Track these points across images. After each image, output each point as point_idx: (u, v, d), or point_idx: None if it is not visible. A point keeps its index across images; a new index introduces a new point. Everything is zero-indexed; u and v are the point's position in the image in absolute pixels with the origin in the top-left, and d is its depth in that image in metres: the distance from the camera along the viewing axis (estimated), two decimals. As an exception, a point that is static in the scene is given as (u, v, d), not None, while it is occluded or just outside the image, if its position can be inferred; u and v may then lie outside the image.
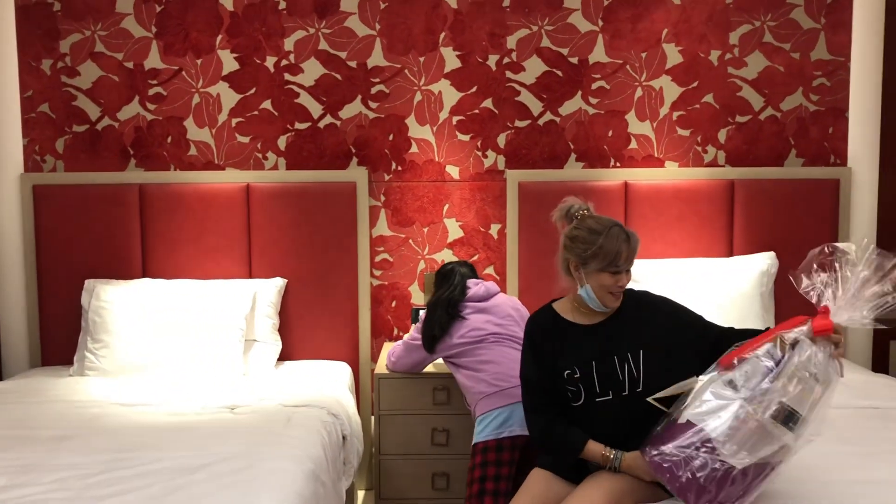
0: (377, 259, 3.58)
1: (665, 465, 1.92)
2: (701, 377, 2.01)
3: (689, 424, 1.93)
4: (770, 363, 1.92)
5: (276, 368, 3.32)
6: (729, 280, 3.23)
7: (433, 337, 2.88)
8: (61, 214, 3.43)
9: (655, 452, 1.96)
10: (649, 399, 2.06)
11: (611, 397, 2.15)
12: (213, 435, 2.51)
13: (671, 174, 3.48)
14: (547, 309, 2.30)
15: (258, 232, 3.45)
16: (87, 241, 3.43)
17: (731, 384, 1.93)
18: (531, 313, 2.36)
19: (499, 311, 2.90)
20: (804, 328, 1.95)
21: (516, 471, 2.59)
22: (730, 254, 3.44)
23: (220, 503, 2.00)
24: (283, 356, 3.44)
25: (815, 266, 1.96)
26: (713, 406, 1.93)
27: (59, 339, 3.44)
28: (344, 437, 2.87)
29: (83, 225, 3.43)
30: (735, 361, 1.96)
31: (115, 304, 3.23)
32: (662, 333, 2.17)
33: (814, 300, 1.97)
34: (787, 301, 3.42)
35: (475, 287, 2.96)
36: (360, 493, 3.54)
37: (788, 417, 1.86)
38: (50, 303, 3.46)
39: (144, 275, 3.44)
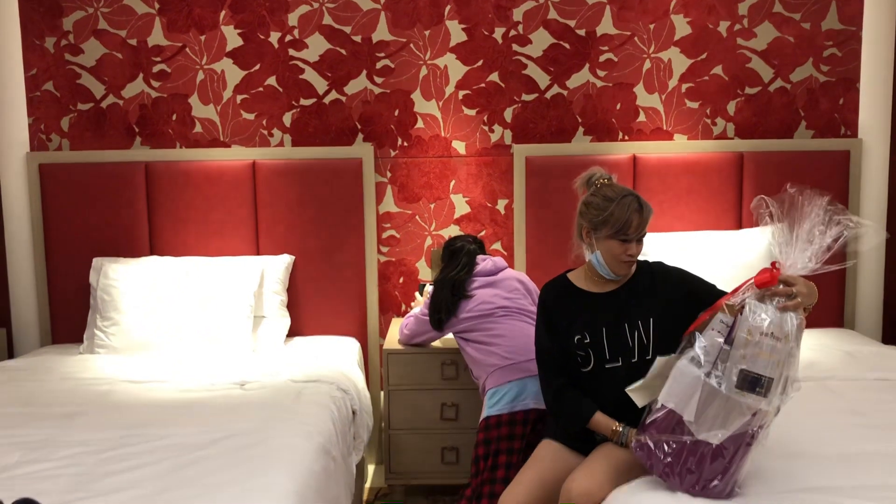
0: (384, 235, 3.57)
1: (647, 451, 1.94)
2: (668, 357, 2.01)
3: (663, 407, 1.94)
4: (724, 332, 1.90)
5: (285, 344, 3.33)
6: (738, 253, 3.21)
7: (440, 319, 2.90)
8: (68, 193, 3.43)
9: (638, 440, 1.97)
10: (627, 390, 2.08)
11: (620, 364, 2.18)
12: (223, 411, 2.52)
13: (680, 147, 3.45)
14: (561, 278, 2.34)
15: (265, 209, 3.44)
16: (94, 220, 3.43)
17: (695, 361, 1.91)
18: (544, 283, 2.36)
19: (506, 284, 2.90)
20: (748, 288, 1.93)
21: (527, 444, 2.60)
22: (739, 227, 3.42)
23: (230, 479, 2.01)
24: (292, 332, 3.45)
25: (766, 219, 1.96)
26: (680, 387, 1.92)
27: (68, 317, 3.45)
28: (354, 412, 2.88)
29: (90, 203, 3.43)
30: (697, 332, 1.96)
31: (124, 281, 3.24)
32: (674, 302, 2.18)
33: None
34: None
35: (483, 263, 2.95)
36: (371, 468, 3.56)
37: (754, 383, 1.84)
38: (58, 281, 3.47)
39: (152, 252, 3.44)
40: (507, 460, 2.61)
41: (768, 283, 1.91)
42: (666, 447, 1.91)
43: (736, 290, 1.97)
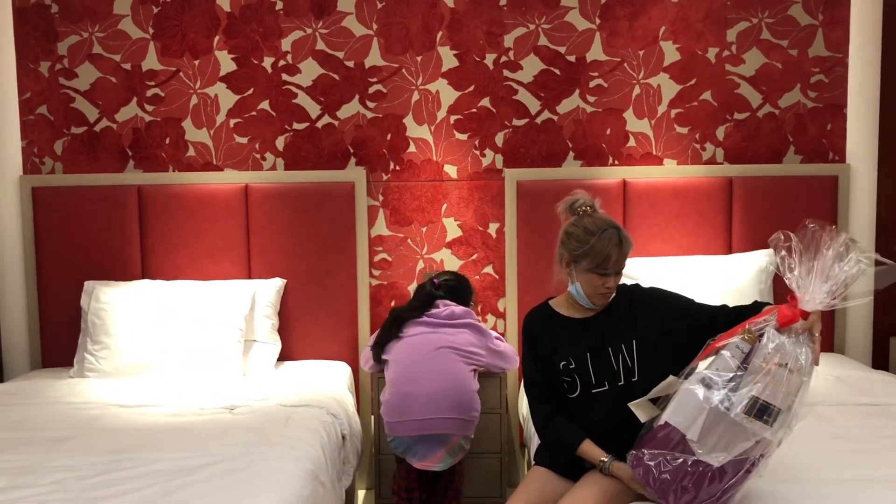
0: (376, 259, 3.58)
1: (644, 466, 1.93)
2: (680, 378, 1.99)
3: (667, 426, 1.92)
4: (739, 357, 1.90)
5: (275, 368, 3.32)
6: (728, 277, 3.22)
7: (377, 352, 2.99)
8: (60, 216, 3.44)
9: (635, 454, 1.97)
10: (630, 405, 2.07)
11: (607, 388, 2.19)
12: (212, 435, 2.51)
13: (669, 172, 3.48)
14: (543, 306, 2.35)
15: (257, 232, 3.45)
16: (87, 243, 3.44)
17: (705, 382, 1.90)
18: (527, 312, 2.37)
19: (460, 339, 2.92)
20: (771, 318, 1.93)
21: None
22: (728, 251, 3.44)
23: (218, 503, 2.00)
24: (283, 356, 3.44)
25: (783, 252, 1.94)
26: (687, 406, 1.91)
27: (59, 340, 3.44)
28: (343, 437, 2.87)
29: (82, 226, 3.44)
30: (713, 354, 1.96)
31: (115, 305, 3.24)
32: (656, 322, 2.18)
33: (792, 286, 1.95)
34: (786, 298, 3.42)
35: (442, 308, 2.99)
36: (361, 493, 3.54)
37: (762, 411, 1.83)
38: (50, 304, 3.46)
39: (144, 276, 3.45)
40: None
41: (791, 321, 1.90)
42: (664, 464, 1.90)
43: (753, 319, 1.95)
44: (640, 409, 2.07)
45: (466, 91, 3.51)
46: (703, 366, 1.98)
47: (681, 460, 1.88)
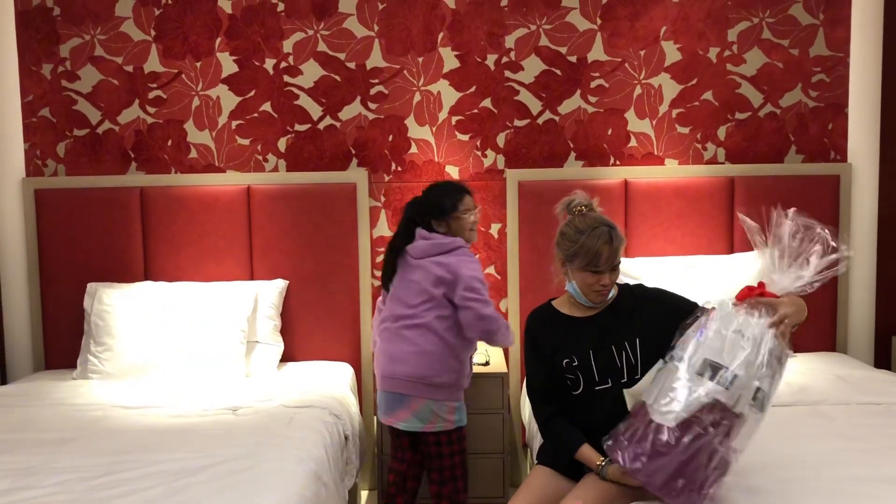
0: (378, 259, 3.58)
1: (620, 452, 1.97)
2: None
3: (637, 408, 2.01)
4: (697, 330, 2.00)
5: (278, 370, 3.33)
6: (729, 277, 3.22)
7: (385, 283, 2.86)
8: (63, 218, 3.45)
9: (609, 446, 2.02)
10: (625, 391, 2.16)
11: (610, 385, 2.20)
12: (215, 436, 2.52)
13: (671, 172, 3.48)
14: (545, 305, 2.36)
15: (259, 234, 3.46)
16: (89, 245, 3.45)
17: (671, 356, 2.01)
18: (530, 312, 2.37)
19: (413, 287, 2.73)
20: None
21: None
22: (730, 251, 3.44)
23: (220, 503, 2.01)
24: (286, 357, 3.45)
25: (757, 239, 2.04)
26: (651, 377, 2.05)
27: (62, 342, 3.45)
28: (346, 437, 2.88)
29: (85, 228, 3.45)
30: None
31: (118, 307, 3.25)
32: (658, 322, 2.19)
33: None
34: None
35: (418, 239, 2.76)
36: (364, 493, 3.54)
37: (715, 370, 1.90)
38: (53, 306, 3.47)
39: (146, 278, 3.45)
40: (395, 468, 2.87)
41: (746, 295, 1.99)
42: (635, 445, 1.96)
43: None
44: (629, 397, 2.15)
45: (468, 92, 3.52)
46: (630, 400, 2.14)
47: (648, 440, 1.93)
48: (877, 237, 3.46)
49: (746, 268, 3.26)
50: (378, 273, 3.58)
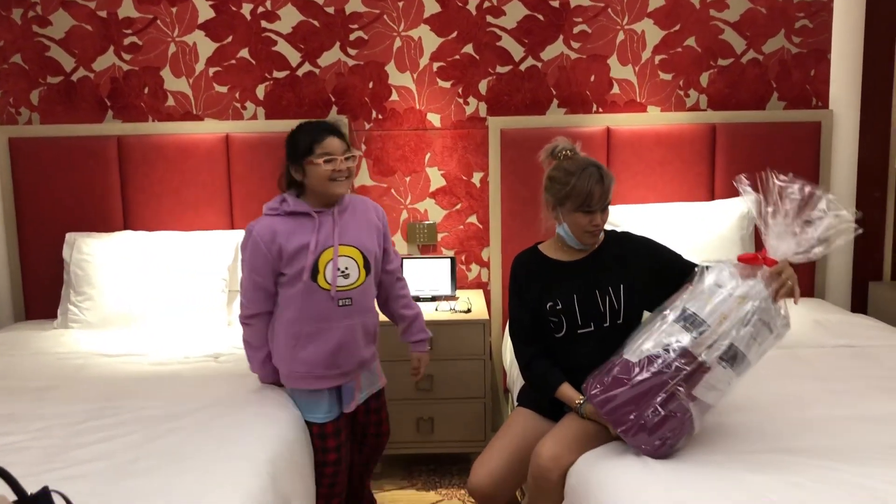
0: (360, 209, 3.56)
1: (590, 382, 2.01)
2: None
3: (617, 361, 2.02)
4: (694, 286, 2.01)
5: (260, 319, 3.33)
6: (710, 224, 3.24)
7: None
8: (39, 167, 3.39)
9: (585, 388, 2.05)
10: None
11: (592, 329, 2.23)
12: (196, 383, 2.53)
13: (653, 119, 3.46)
14: (531, 249, 2.37)
15: (239, 183, 3.43)
16: (67, 194, 3.40)
17: (661, 309, 2.03)
18: (516, 255, 2.38)
19: None
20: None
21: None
22: (711, 198, 3.45)
23: (204, 448, 2.02)
24: (268, 307, 3.44)
25: (760, 199, 2.00)
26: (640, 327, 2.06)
27: (42, 292, 3.43)
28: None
29: (62, 178, 3.40)
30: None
31: (97, 256, 3.22)
32: (642, 269, 2.21)
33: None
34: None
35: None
36: (348, 440, 3.58)
37: (689, 319, 1.91)
38: (31, 257, 3.44)
39: (125, 227, 3.42)
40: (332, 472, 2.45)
41: (750, 261, 1.97)
42: (606, 387, 1.98)
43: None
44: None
45: (449, 37, 3.47)
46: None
47: (609, 365, 1.98)
48: (856, 184, 3.48)
49: (727, 215, 3.27)
50: (360, 222, 3.57)
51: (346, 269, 2.31)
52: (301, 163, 2.28)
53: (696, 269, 2.06)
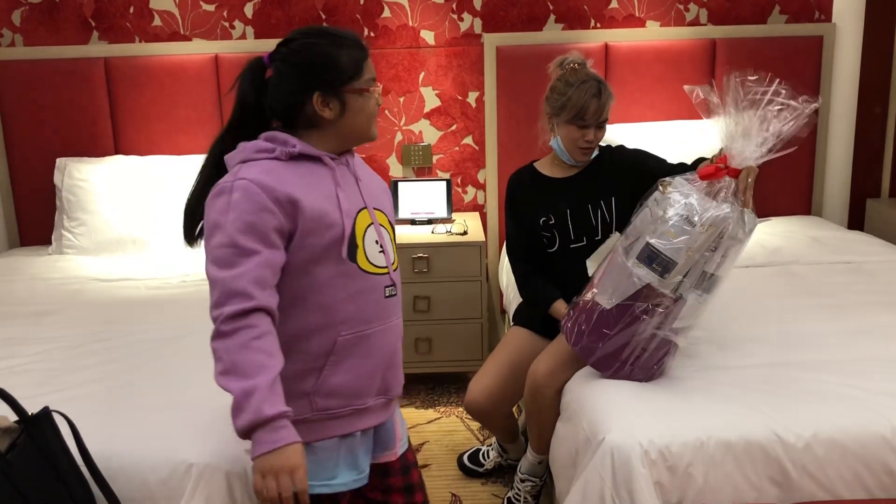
0: (353, 130, 3.51)
1: (567, 328, 1.98)
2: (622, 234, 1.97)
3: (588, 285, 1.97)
4: (651, 207, 1.85)
5: (256, 242, 3.32)
6: (710, 141, 3.19)
7: None
8: (25, 91, 3.32)
9: (573, 339, 1.98)
10: (588, 260, 2.17)
11: (584, 243, 2.23)
12: (194, 306, 2.53)
13: (652, 34, 3.38)
14: (526, 167, 2.37)
15: (230, 105, 3.33)
16: (55, 119, 3.34)
17: (624, 233, 1.91)
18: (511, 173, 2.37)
19: None
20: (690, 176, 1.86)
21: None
22: (710, 115, 3.39)
23: (200, 370, 2.02)
24: (263, 230, 3.43)
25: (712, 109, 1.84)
26: (608, 247, 2.01)
27: (35, 218, 3.41)
28: (326, 306, 2.90)
29: (49, 102, 3.33)
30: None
31: (90, 181, 3.19)
32: (634, 181, 2.19)
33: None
34: (767, 162, 3.41)
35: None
36: (346, 362, 3.62)
37: (652, 258, 1.80)
38: (22, 183, 3.40)
39: (116, 152, 3.38)
40: None
41: (711, 176, 1.83)
42: (580, 322, 1.95)
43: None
44: (591, 265, 2.17)
45: (442, -49, 3.36)
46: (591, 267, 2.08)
47: (588, 328, 1.91)
48: (857, 100, 3.43)
49: (725, 132, 3.23)
50: (354, 144, 3.51)
51: (380, 243, 1.57)
52: (340, 90, 1.50)
53: (658, 186, 1.88)
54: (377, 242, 1.55)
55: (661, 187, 1.85)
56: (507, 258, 2.47)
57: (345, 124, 1.53)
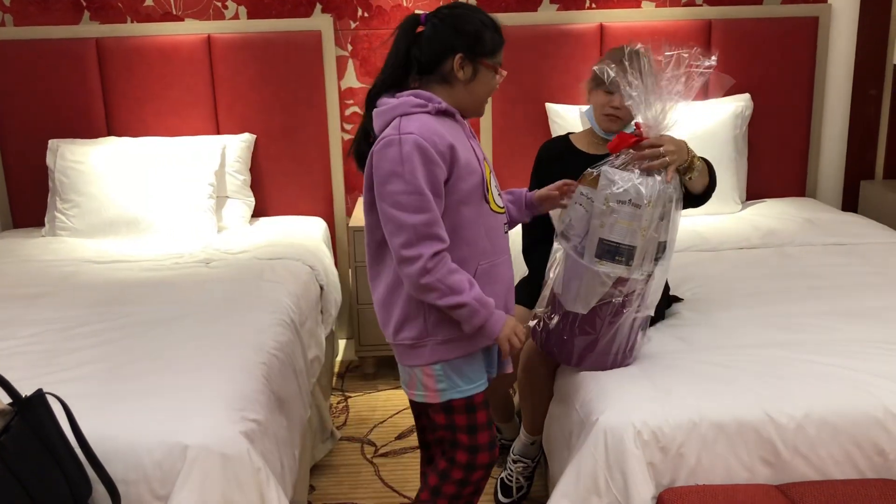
0: (347, 112, 3.50)
1: (536, 328, 1.99)
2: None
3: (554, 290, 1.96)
4: (585, 205, 1.85)
5: (250, 224, 3.31)
6: (703, 123, 3.20)
7: None
8: (16, 72, 3.30)
9: (533, 321, 1.99)
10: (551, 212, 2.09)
11: None
12: (187, 288, 2.53)
13: (648, 15, 3.36)
14: (562, 137, 2.38)
15: (223, 86, 3.34)
16: (47, 100, 3.32)
17: (563, 235, 1.90)
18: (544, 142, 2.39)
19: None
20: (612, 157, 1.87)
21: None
22: (705, 97, 3.38)
23: (196, 351, 2.04)
24: (257, 213, 3.42)
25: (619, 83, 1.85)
26: (553, 260, 1.95)
27: (27, 200, 3.39)
28: (322, 287, 2.91)
29: (41, 83, 3.31)
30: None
31: (83, 163, 3.17)
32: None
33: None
34: (761, 144, 3.42)
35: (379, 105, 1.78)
36: (342, 342, 3.63)
37: (613, 252, 1.80)
38: (15, 165, 3.38)
39: (109, 133, 3.36)
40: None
41: (619, 146, 1.85)
42: (548, 323, 1.95)
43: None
44: (555, 215, 2.07)
45: (436, -70, 3.33)
46: (556, 219, 2.00)
47: (557, 318, 1.92)
48: (852, 82, 3.42)
49: (720, 113, 3.23)
50: (349, 126, 3.51)
51: (498, 188, 1.88)
52: (478, 60, 1.75)
53: (581, 183, 1.88)
54: (497, 187, 1.85)
55: (586, 181, 1.86)
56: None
57: (470, 90, 1.77)
